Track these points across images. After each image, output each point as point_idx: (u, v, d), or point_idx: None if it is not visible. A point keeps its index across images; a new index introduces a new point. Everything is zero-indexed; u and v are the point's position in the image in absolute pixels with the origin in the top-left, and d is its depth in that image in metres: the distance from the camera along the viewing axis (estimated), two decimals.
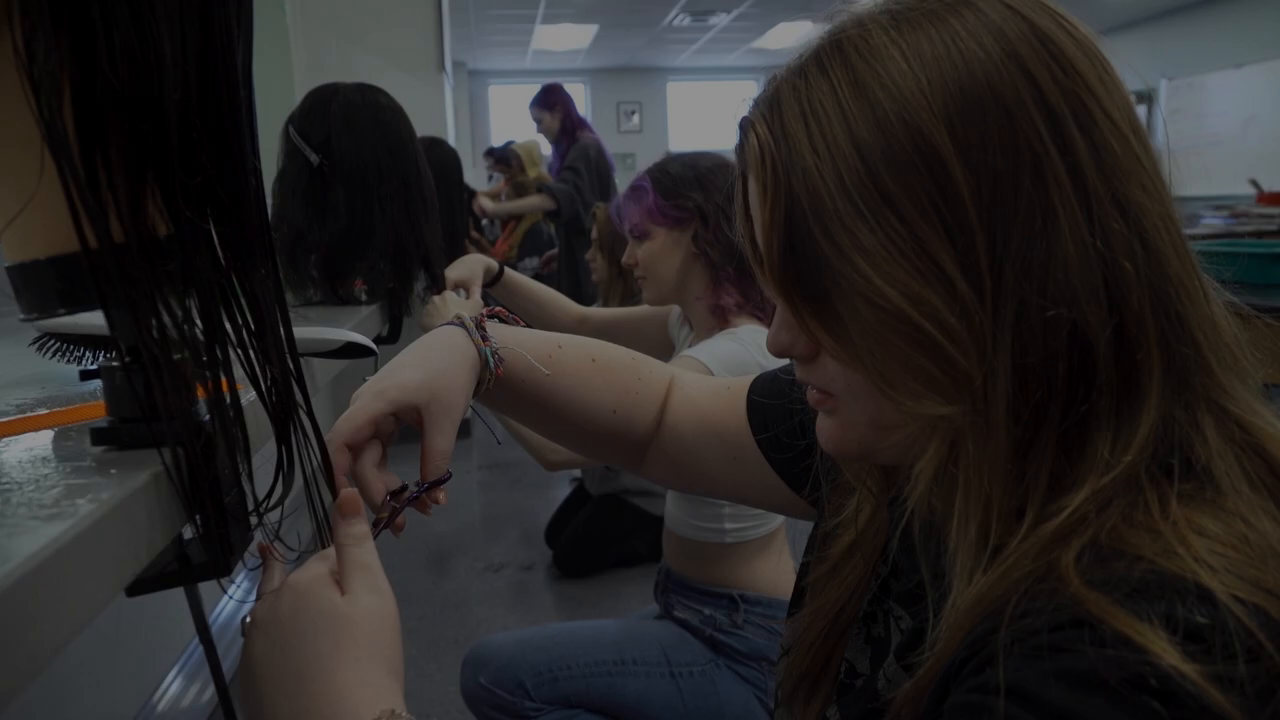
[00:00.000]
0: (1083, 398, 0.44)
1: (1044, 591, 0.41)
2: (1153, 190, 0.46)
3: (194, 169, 0.44)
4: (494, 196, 5.41)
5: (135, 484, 0.45)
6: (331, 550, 0.57)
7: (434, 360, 0.68)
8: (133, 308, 0.44)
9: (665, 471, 0.84)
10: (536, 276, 4.55)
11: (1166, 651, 0.36)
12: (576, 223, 4.01)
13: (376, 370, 0.70)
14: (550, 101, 4.22)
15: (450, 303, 1.43)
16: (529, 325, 0.76)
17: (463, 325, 0.73)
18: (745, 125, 0.52)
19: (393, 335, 1.44)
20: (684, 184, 1.41)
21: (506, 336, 0.75)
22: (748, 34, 9.02)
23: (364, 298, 1.36)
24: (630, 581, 2.79)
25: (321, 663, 0.50)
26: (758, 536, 1.44)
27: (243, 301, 0.48)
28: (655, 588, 1.57)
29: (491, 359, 0.72)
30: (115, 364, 0.48)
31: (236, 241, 0.48)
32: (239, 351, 0.49)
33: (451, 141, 4.29)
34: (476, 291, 1.52)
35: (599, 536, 2.86)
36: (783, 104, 0.49)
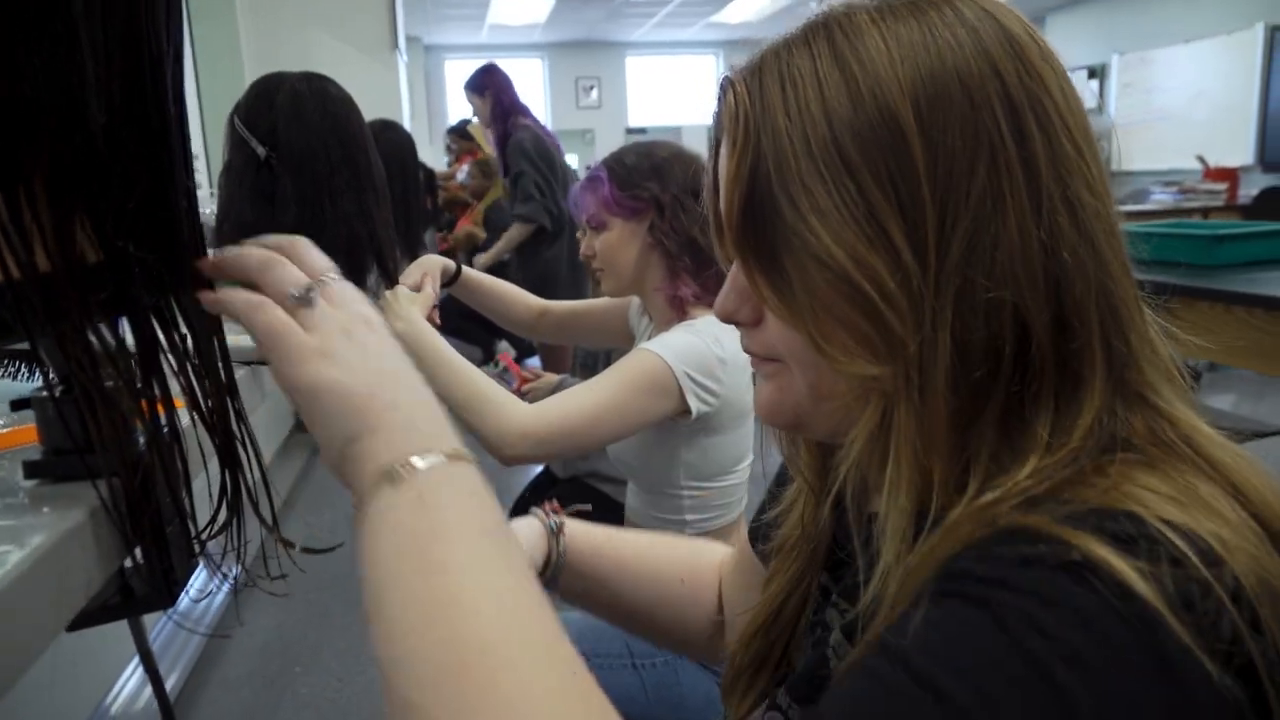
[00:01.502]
0: (1021, 380, 0.47)
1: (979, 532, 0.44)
2: (1100, 197, 0.49)
3: (123, 194, 0.42)
4: (449, 178, 5.33)
5: (70, 523, 0.43)
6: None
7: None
8: (60, 341, 0.42)
9: None
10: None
11: (1096, 545, 0.38)
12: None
13: None
14: (481, 85, 4.05)
15: (403, 297, 1.41)
16: (490, 321, 0.76)
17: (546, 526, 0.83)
18: (724, 86, 0.55)
19: None
20: (640, 174, 1.39)
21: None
22: (706, 8, 8.96)
23: None
24: None
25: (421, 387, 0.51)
26: (719, 526, 1.44)
27: (180, 329, 0.46)
28: None
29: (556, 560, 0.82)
30: (45, 394, 0.47)
31: (169, 265, 0.46)
32: (179, 379, 0.47)
33: (406, 118, 4.22)
34: (429, 286, 1.49)
35: None
36: (764, 70, 0.52)
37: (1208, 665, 0.36)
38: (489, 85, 4.01)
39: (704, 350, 1.31)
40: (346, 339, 0.49)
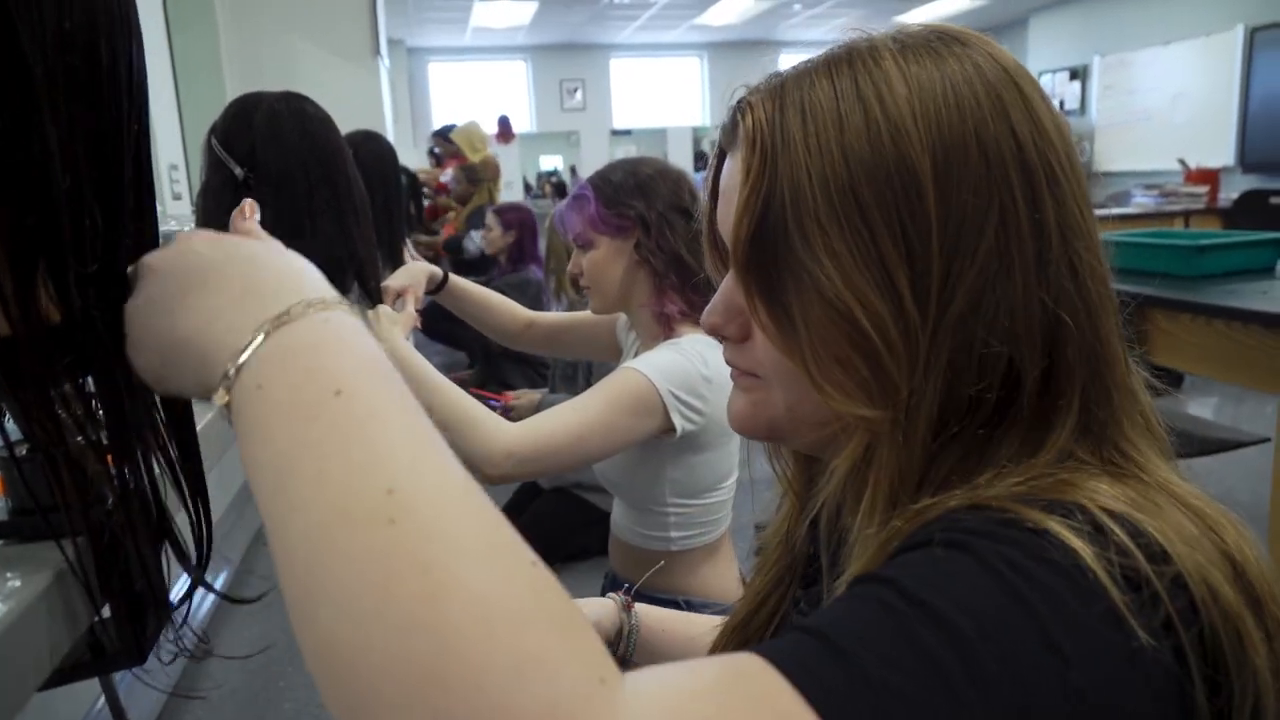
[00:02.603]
0: (995, 422, 0.48)
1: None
2: (1096, 254, 0.50)
3: (88, 256, 0.42)
4: (435, 180, 5.31)
5: (37, 588, 0.43)
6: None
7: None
8: (23, 404, 0.41)
9: None
10: (483, 255, 4.47)
11: (1049, 520, 0.40)
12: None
13: None
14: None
15: (384, 318, 1.40)
16: (477, 330, 0.76)
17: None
18: (742, 107, 0.55)
19: None
20: (625, 192, 1.39)
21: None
22: (689, 10, 8.97)
23: None
24: (580, 576, 2.79)
25: (270, 255, 0.43)
26: (704, 544, 1.44)
27: (140, 398, 0.45)
28: (602, 594, 1.56)
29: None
30: (7, 455, 0.46)
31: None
32: (142, 447, 0.46)
33: (389, 123, 4.20)
34: (411, 304, 1.48)
35: (550, 531, 2.85)
36: (785, 97, 0.52)
37: (1142, 636, 0.36)
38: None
39: (689, 369, 1.31)
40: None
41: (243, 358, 0.37)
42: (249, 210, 0.53)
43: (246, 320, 0.38)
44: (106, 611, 0.49)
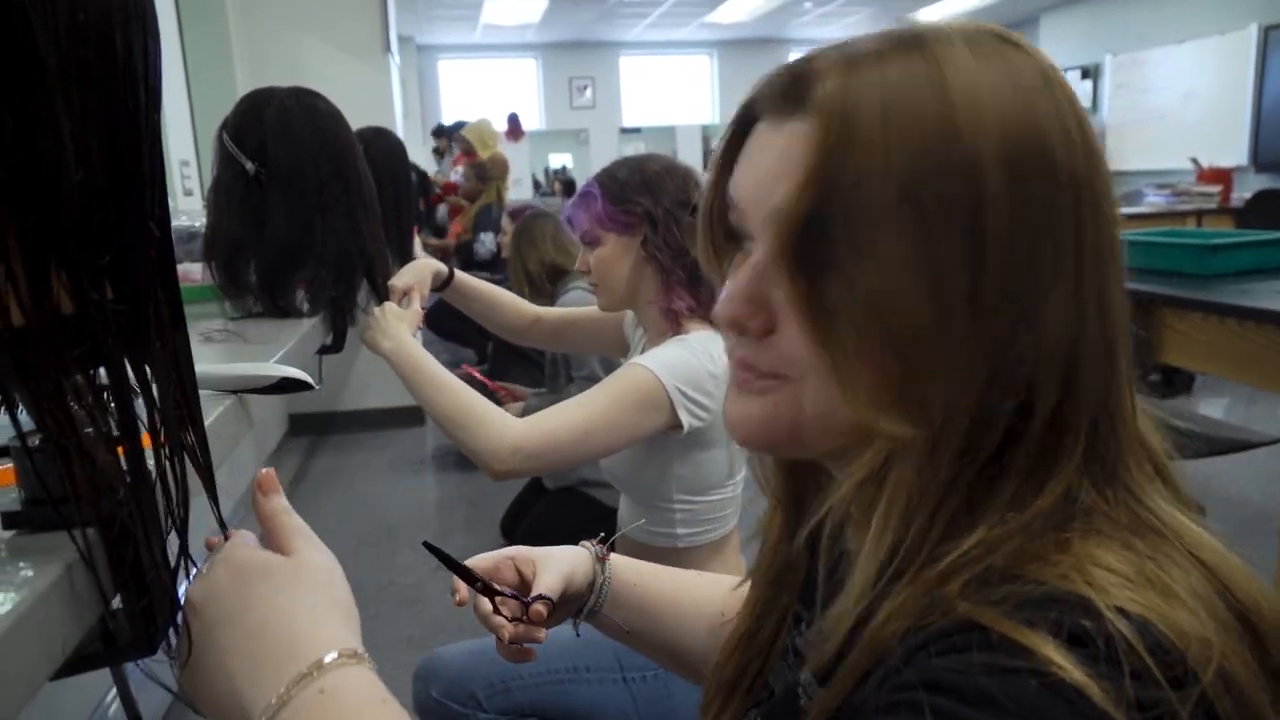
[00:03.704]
0: (1001, 454, 0.46)
1: (934, 615, 0.43)
2: (1123, 289, 0.48)
3: (101, 248, 0.42)
4: (447, 181, 5.32)
5: (49, 579, 0.43)
6: (244, 532, 0.56)
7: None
8: (35, 396, 0.41)
9: None
10: (495, 257, 4.47)
11: (1051, 650, 0.38)
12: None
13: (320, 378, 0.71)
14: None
15: (390, 314, 1.40)
16: (482, 327, 0.77)
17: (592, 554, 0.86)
18: (810, 73, 0.49)
19: (336, 346, 1.41)
20: (632, 189, 1.39)
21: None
22: (700, 8, 8.95)
23: (305, 308, 1.33)
24: None
25: (279, 615, 0.49)
26: (710, 541, 1.44)
27: (151, 390, 0.46)
28: None
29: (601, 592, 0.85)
30: (20, 445, 0.46)
31: (140, 315, 0.45)
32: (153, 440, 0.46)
33: (399, 120, 4.21)
34: (417, 301, 1.49)
35: (556, 530, 2.83)
36: (862, 74, 0.47)
37: None
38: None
39: (696, 365, 1.31)
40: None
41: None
42: (267, 486, 0.58)
43: (256, 697, 0.46)
44: (118, 602, 0.49)
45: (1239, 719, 0.38)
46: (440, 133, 7.27)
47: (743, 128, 0.54)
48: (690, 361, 1.31)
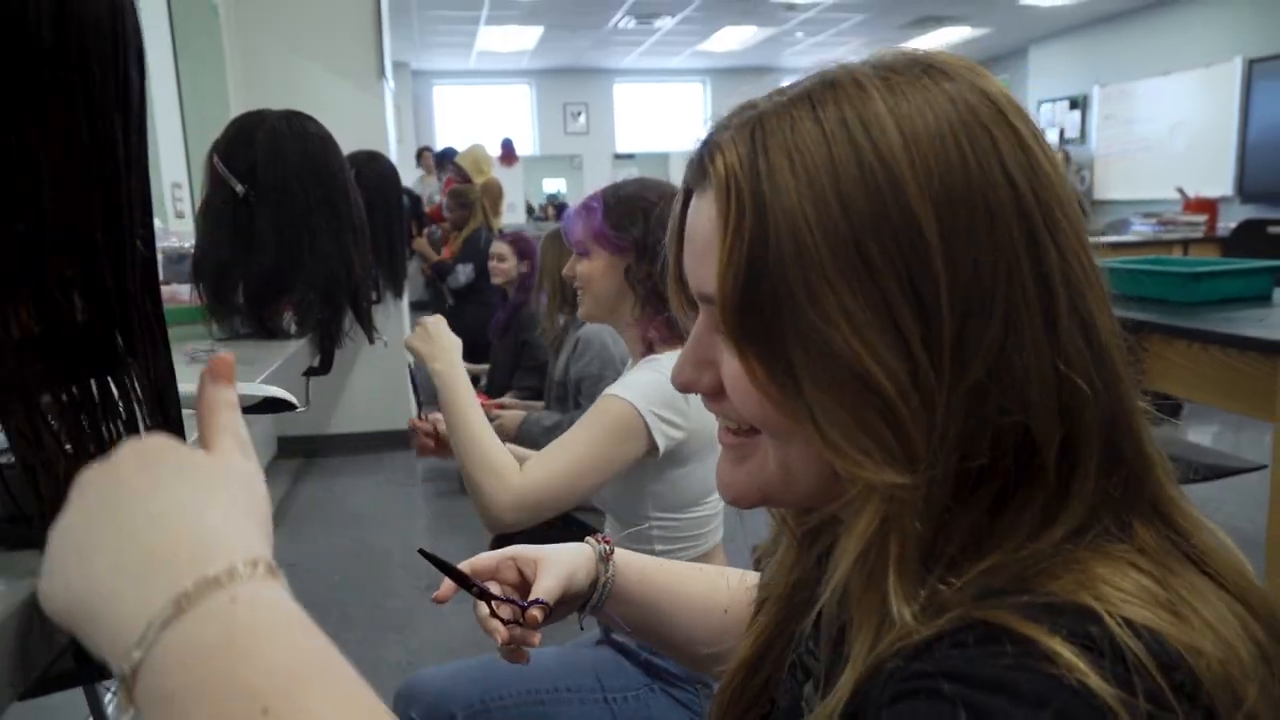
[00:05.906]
0: (1010, 493, 0.45)
1: (942, 621, 0.43)
2: (1106, 305, 0.47)
3: (72, 267, 0.42)
4: (436, 208, 5.33)
5: (20, 596, 0.43)
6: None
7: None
8: (4, 417, 0.41)
9: None
10: (470, 287, 4.47)
11: (1059, 643, 0.38)
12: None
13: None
14: None
15: (444, 336, 1.40)
16: (476, 341, 0.75)
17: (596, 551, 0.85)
18: (711, 145, 0.49)
19: (324, 367, 1.41)
20: (631, 214, 1.41)
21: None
22: (693, 37, 9.04)
23: (293, 329, 1.33)
24: None
25: (187, 508, 0.38)
26: (690, 559, 1.44)
27: (132, 404, 0.46)
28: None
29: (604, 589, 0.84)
30: None
31: (123, 333, 0.45)
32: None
33: (392, 145, 4.23)
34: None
35: None
36: (767, 137, 0.47)
37: None
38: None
39: (668, 388, 1.32)
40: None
41: (137, 654, 0.33)
42: (219, 370, 0.45)
43: (146, 596, 0.34)
44: None
45: None
46: (422, 157, 7.38)
47: (686, 200, 0.54)
48: (661, 383, 1.33)
